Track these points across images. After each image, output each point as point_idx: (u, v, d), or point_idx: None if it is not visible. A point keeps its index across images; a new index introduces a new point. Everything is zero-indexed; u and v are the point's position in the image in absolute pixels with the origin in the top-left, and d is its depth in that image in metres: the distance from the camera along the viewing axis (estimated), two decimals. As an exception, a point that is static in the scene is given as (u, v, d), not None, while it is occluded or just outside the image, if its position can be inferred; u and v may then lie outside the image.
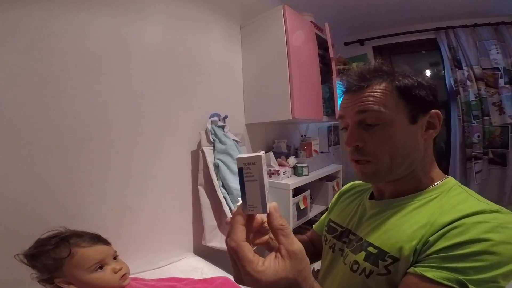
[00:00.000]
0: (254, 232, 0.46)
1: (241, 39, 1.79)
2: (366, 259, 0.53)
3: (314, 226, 0.89)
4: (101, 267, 0.79)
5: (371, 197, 0.67)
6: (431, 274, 0.41)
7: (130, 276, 0.96)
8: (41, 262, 0.74)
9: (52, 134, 0.95)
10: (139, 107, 1.21)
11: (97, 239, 0.85)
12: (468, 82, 2.29)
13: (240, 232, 0.36)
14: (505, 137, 2.25)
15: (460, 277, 0.39)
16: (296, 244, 0.35)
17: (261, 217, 0.45)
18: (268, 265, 0.34)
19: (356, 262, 0.54)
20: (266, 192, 0.37)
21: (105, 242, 0.87)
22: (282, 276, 0.33)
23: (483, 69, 2.29)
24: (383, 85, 0.55)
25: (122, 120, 1.15)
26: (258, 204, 0.37)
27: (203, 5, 1.52)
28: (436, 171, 0.59)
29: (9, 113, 0.86)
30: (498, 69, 2.25)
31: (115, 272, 0.81)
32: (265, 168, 0.37)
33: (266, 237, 0.49)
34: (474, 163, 2.28)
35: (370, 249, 0.53)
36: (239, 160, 0.36)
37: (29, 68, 0.90)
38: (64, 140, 0.98)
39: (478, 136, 2.29)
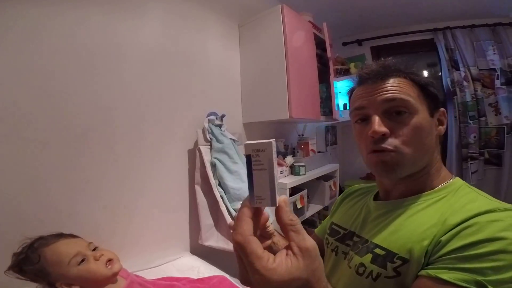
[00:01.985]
0: (261, 230, 0.42)
1: (239, 38, 1.78)
2: (373, 261, 0.51)
3: (316, 230, 0.86)
4: (83, 260, 0.80)
5: (376, 198, 0.66)
6: (446, 276, 0.39)
7: (133, 273, 0.96)
8: (28, 273, 0.76)
9: (47, 132, 0.95)
10: (136, 106, 1.20)
11: (60, 235, 0.86)
12: (465, 83, 2.31)
13: (247, 225, 0.32)
14: (501, 137, 2.27)
15: (479, 278, 0.37)
16: (308, 241, 0.32)
17: (264, 219, 0.41)
18: (280, 263, 0.30)
19: (362, 264, 0.52)
20: (276, 183, 0.33)
21: (71, 236, 0.88)
22: (295, 276, 0.30)
23: (480, 70, 2.31)
24: (403, 79, 0.55)
25: (118, 118, 1.14)
26: (266, 196, 0.33)
27: (201, 3, 1.51)
28: (444, 169, 0.58)
29: (3, 111, 0.85)
30: (494, 70, 2.27)
31: (97, 260, 0.82)
32: (275, 157, 0.33)
33: (268, 241, 0.45)
34: (470, 163, 2.30)
35: (377, 250, 0.51)
36: (247, 146, 0.33)
37: (23, 66, 0.89)
38: (59, 139, 0.97)
39: (474, 137, 2.31)
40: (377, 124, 0.53)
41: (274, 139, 0.35)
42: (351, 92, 0.65)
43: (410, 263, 0.45)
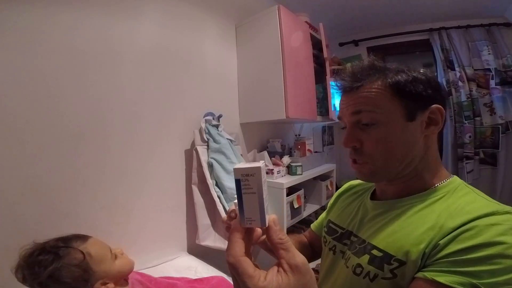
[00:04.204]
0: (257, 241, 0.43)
1: (236, 38, 1.79)
2: (370, 262, 0.51)
3: (312, 225, 0.87)
4: (116, 257, 0.87)
5: (373, 197, 0.66)
6: (443, 279, 0.40)
7: (135, 271, 1.01)
8: (65, 278, 0.72)
9: (45, 132, 0.94)
10: (133, 106, 1.21)
11: (78, 237, 0.86)
12: (460, 83, 2.32)
13: (239, 246, 0.34)
14: (496, 137, 2.29)
15: (474, 280, 0.38)
16: (298, 257, 0.33)
17: (256, 236, 0.42)
18: (271, 280, 0.31)
19: (359, 265, 0.53)
20: (266, 204, 0.35)
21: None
22: None
23: (475, 70, 2.33)
24: (376, 84, 0.54)
25: (115, 118, 1.14)
26: (256, 218, 0.35)
27: (198, 4, 1.51)
28: (441, 169, 0.57)
29: (1, 111, 0.85)
30: (489, 70, 2.29)
31: (122, 254, 0.90)
32: (264, 180, 0.35)
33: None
34: (466, 163, 2.32)
35: (374, 252, 0.52)
36: (236, 171, 0.34)
37: (21, 67, 0.89)
38: (56, 139, 0.97)
39: (470, 137, 2.33)
40: (346, 137, 0.57)
41: (263, 161, 0.36)
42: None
43: (406, 265, 0.46)
